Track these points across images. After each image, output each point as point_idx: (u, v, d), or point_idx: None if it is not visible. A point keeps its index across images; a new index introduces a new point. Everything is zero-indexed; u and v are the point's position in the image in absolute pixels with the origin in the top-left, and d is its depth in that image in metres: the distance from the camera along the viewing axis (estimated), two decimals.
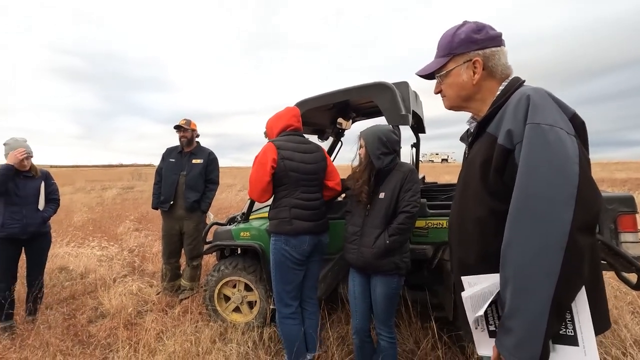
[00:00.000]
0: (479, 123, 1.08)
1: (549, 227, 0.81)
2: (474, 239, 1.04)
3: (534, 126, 0.88)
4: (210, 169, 3.72)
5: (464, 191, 1.12)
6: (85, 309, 3.34)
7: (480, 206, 1.02)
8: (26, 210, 2.93)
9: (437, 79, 1.18)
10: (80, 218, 7.96)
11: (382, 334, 2.05)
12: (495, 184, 0.97)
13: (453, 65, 1.11)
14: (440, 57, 1.14)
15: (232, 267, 2.87)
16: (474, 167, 1.04)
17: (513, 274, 0.85)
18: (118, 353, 2.43)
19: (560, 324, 0.85)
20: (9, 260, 2.94)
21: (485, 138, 1.03)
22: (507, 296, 0.87)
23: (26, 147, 2.93)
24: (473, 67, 1.07)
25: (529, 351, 0.82)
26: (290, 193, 2.23)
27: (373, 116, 3.51)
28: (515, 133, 0.91)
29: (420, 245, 2.33)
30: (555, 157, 0.84)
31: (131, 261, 4.79)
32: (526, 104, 0.92)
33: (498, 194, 0.96)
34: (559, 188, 0.82)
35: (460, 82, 1.11)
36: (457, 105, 1.17)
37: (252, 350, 2.52)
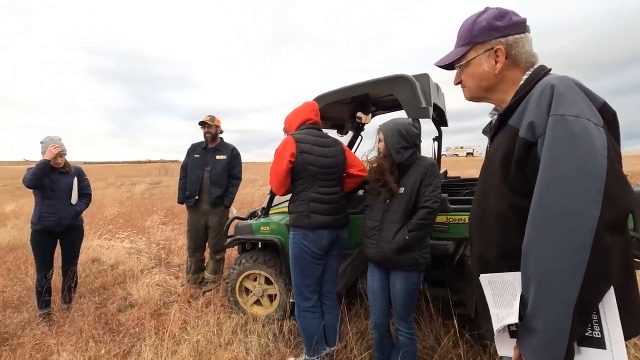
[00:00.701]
0: (500, 115, 1.03)
1: (574, 225, 0.77)
2: (495, 235, 1.00)
3: (558, 118, 0.82)
4: (233, 164, 3.79)
5: (485, 185, 1.08)
6: (115, 299, 3.50)
7: (500, 201, 0.97)
8: (60, 204, 3.09)
9: (456, 69, 1.13)
10: (112, 212, 8.32)
11: (401, 330, 2.03)
12: (516, 179, 0.92)
13: (473, 54, 1.06)
14: (460, 46, 1.09)
15: (252, 260, 2.92)
16: (494, 161, 1.00)
17: (535, 273, 0.82)
18: (145, 341, 2.54)
19: (586, 326, 0.80)
20: (45, 251, 3.12)
21: (506, 131, 0.98)
22: (529, 296, 0.83)
23: (60, 144, 3.08)
24: (495, 56, 1.02)
25: (553, 353, 0.78)
26: (309, 187, 2.23)
27: (393, 110, 3.45)
28: (537, 125, 0.86)
29: (441, 240, 2.28)
30: (581, 150, 0.79)
31: (158, 254, 4.97)
32: (550, 93, 0.86)
33: (519, 189, 0.92)
34: (584, 183, 0.77)
35: (481, 72, 1.06)
36: (478, 97, 1.12)
37: (272, 343, 2.56)
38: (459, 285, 2.45)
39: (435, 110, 2.94)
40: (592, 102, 0.86)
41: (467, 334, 2.26)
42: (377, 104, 3.29)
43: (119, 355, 2.48)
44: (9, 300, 3.47)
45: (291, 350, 2.51)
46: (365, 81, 2.46)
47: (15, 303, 3.43)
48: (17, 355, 2.47)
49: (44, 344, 2.61)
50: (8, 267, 4.43)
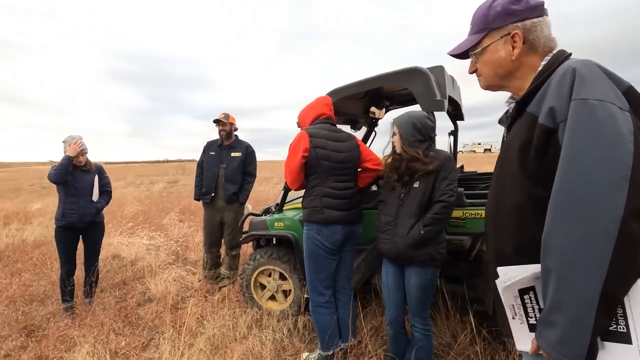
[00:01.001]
0: (518, 102, 0.99)
1: (597, 213, 0.73)
2: (512, 228, 0.97)
3: (580, 102, 0.78)
4: (248, 161, 3.82)
5: (501, 176, 1.04)
6: (134, 293, 3.59)
7: (518, 192, 0.94)
8: (82, 201, 3.19)
9: (471, 57, 1.09)
10: (131, 210, 8.53)
11: (416, 326, 2.00)
12: (535, 168, 0.89)
13: (489, 41, 1.02)
14: (475, 33, 1.05)
15: (267, 256, 2.94)
16: (512, 150, 0.96)
17: (556, 265, 0.78)
18: (163, 335, 2.59)
19: (611, 320, 0.76)
20: (68, 246, 3.22)
21: (524, 118, 0.94)
22: (549, 288, 0.79)
23: (81, 143, 3.17)
24: (512, 42, 0.98)
25: (574, 347, 0.75)
26: (322, 181, 2.22)
27: (408, 104, 3.40)
28: (558, 110, 0.82)
29: (458, 236, 2.24)
30: (605, 135, 0.74)
31: (175, 250, 5.07)
32: (571, 77, 0.82)
33: (539, 179, 0.88)
34: (609, 169, 0.73)
35: (497, 58, 1.02)
36: (494, 85, 1.08)
37: (287, 338, 2.58)
38: (476, 281, 2.40)
39: (451, 104, 2.88)
40: (617, 85, 0.82)
41: (485, 331, 2.21)
42: (391, 99, 3.25)
43: (138, 347, 2.55)
44: (35, 294, 3.61)
45: (305, 345, 2.52)
46: (378, 75, 2.43)
47: (40, 297, 3.56)
48: (42, 346, 2.57)
49: (67, 335, 2.70)
50: (34, 263, 4.61)
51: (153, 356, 2.42)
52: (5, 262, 4.80)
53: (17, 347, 2.65)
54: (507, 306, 0.93)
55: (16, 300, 3.45)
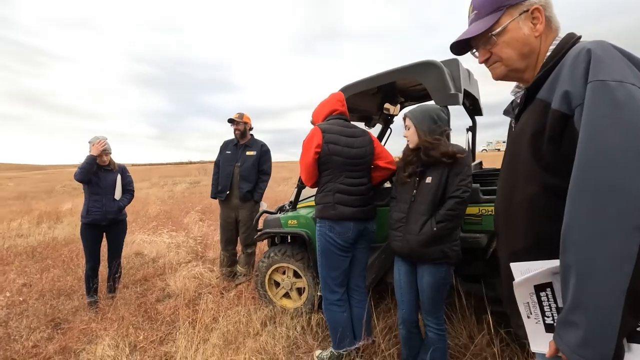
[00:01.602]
0: (527, 89, 0.93)
1: (622, 204, 0.66)
2: (525, 222, 0.91)
3: (598, 84, 0.73)
4: (262, 160, 3.85)
5: (511, 168, 0.98)
6: (154, 290, 3.69)
7: (531, 183, 0.89)
8: (105, 199, 3.32)
9: (482, 45, 1.01)
10: (154, 210, 8.79)
11: (430, 326, 1.95)
12: (549, 156, 0.83)
13: (508, 19, 0.94)
14: (489, 14, 0.97)
15: (281, 254, 2.95)
16: (522, 140, 0.91)
17: (576, 260, 0.71)
18: (180, 329, 2.65)
19: (638, 319, 0.70)
20: (93, 243, 3.36)
21: (535, 105, 0.89)
22: (569, 286, 0.73)
23: (106, 143, 3.29)
24: (531, 18, 0.92)
25: (598, 350, 0.68)
26: (335, 178, 2.21)
27: (423, 100, 3.33)
28: (574, 94, 0.77)
29: (474, 233, 2.17)
30: (627, 117, 0.68)
31: (195, 248, 5.18)
32: (586, 59, 0.77)
33: (554, 168, 0.83)
34: (633, 156, 0.67)
35: (521, 36, 0.93)
36: (516, 68, 0.98)
37: (301, 335, 2.58)
38: (493, 280, 2.32)
39: (468, 98, 2.81)
40: (635, 65, 0.76)
41: (503, 332, 2.13)
42: (405, 95, 3.20)
43: (155, 341, 2.61)
44: (63, 288, 3.78)
45: (318, 343, 2.51)
46: (390, 70, 2.40)
47: (67, 291, 3.72)
48: (66, 338, 2.68)
49: (90, 328, 2.81)
50: (63, 259, 4.83)
51: (169, 350, 2.48)
52: (37, 258, 5.05)
53: (44, 339, 2.77)
54: (522, 304, 0.88)
55: (45, 294, 3.63)
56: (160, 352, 2.48)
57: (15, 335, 2.79)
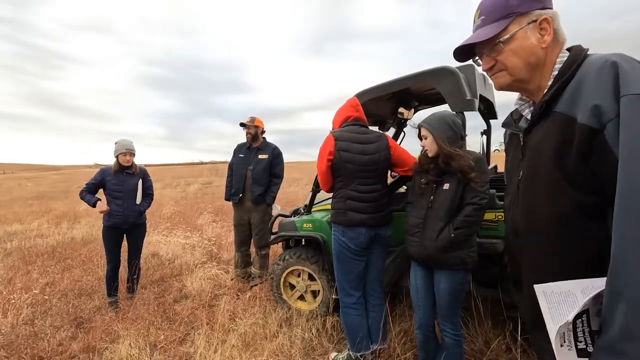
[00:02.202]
0: (545, 102, 0.90)
1: None
2: (551, 241, 0.87)
3: (635, 98, 0.71)
4: (275, 163, 3.90)
5: (530, 185, 0.94)
6: (172, 290, 3.78)
7: (557, 200, 0.85)
8: (127, 203, 3.41)
9: (487, 52, 0.97)
10: (168, 210, 8.95)
11: (446, 331, 1.97)
12: (578, 172, 0.80)
13: (516, 27, 0.92)
14: (497, 20, 0.94)
15: (296, 257, 2.99)
16: (543, 156, 0.88)
17: (631, 287, 0.66)
18: (198, 330, 2.72)
19: None
20: (114, 245, 3.46)
21: (554, 119, 0.86)
22: (618, 313, 0.67)
23: (130, 145, 3.42)
24: (539, 29, 0.90)
25: None
26: (347, 184, 2.25)
27: (437, 104, 3.34)
28: (605, 109, 0.74)
29: (490, 239, 2.17)
30: None
31: (210, 249, 5.27)
32: (613, 72, 0.75)
33: (582, 184, 0.80)
34: None
35: (528, 45, 0.91)
36: (521, 78, 0.95)
37: (316, 337, 2.61)
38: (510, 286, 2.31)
39: (483, 102, 2.80)
40: None
41: (520, 338, 2.13)
42: (419, 99, 3.21)
43: (175, 341, 2.68)
44: (84, 288, 3.89)
45: (334, 345, 2.54)
46: (405, 75, 2.41)
47: (88, 291, 3.83)
48: (90, 337, 2.77)
49: (112, 328, 2.89)
50: (82, 260, 4.97)
51: (189, 350, 2.54)
52: (57, 258, 5.20)
53: (69, 337, 2.87)
54: (557, 335, 0.80)
55: (67, 293, 3.74)
56: (180, 352, 2.54)
57: (41, 333, 2.90)
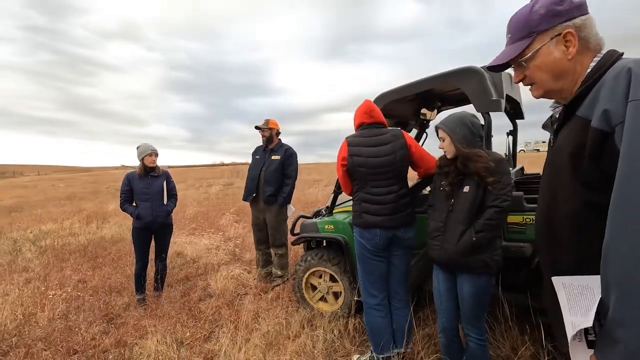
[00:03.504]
0: (566, 106, 0.95)
1: None
2: (569, 238, 0.93)
3: (639, 103, 0.74)
4: (287, 163, 3.94)
5: (551, 184, 1.00)
6: (196, 289, 3.88)
7: (573, 200, 0.90)
8: (155, 205, 3.54)
9: (516, 67, 1.04)
10: (192, 211, 9.17)
11: (470, 335, 1.93)
12: (590, 174, 0.85)
13: (539, 44, 0.96)
14: (519, 40, 0.99)
15: (317, 258, 3.01)
16: (562, 156, 0.93)
17: (617, 277, 0.73)
18: (222, 328, 2.78)
19: None
20: (143, 245, 3.59)
21: (574, 122, 0.91)
22: (610, 302, 0.74)
23: (153, 146, 3.58)
24: (564, 42, 0.93)
25: None
26: (362, 187, 2.29)
27: (461, 104, 3.29)
28: (613, 113, 0.78)
29: (517, 242, 2.12)
30: None
31: (232, 250, 5.37)
32: (627, 77, 0.78)
33: (595, 185, 0.85)
34: None
35: (553, 60, 0.95)
36: (551, 89, 1.00)
37: (338, 339, 2.62)
38: (539, 291, 2.25)
39: (509, 102, 2.74)
40: None
41: (550, 345, 2.06)
42: (442, 99, 3.17)
43: (200, 339, 2.76)
44: (113, 285, 4.05)
45: (356, 347, 2.54)
46: (429, 76, 2.40)
47: (118, 288, 3.99)
48: (121, 333, 2.89)
49: (141, 324, 3.00)
50: (112, 258, 5.17)
51: (214, 348, 2.61)
52: (88, 256, 5.43)
53: (101, 332, 3.00)
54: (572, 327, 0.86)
55: (98, 290, 3.91)
56: (205, 349, 2.61)
57: (75, 327, 3.04)
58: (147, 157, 3.52)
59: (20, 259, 5.47)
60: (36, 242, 6.60)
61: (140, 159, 3.54)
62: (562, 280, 0.89)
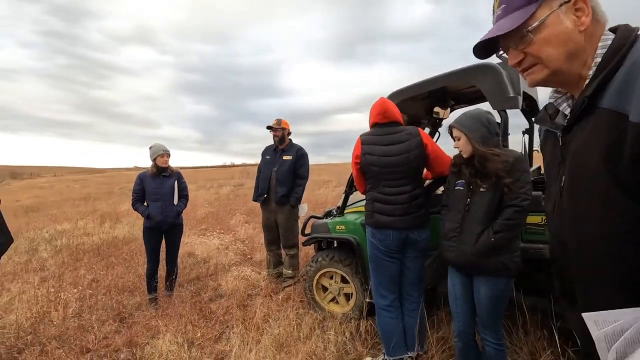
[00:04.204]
0: (587, 97, 0.76)
1: None
2: (608, 262, 0.76)
3: None
4: (299, 164, 3.92)
5: (577, 197, 0.81)
6: (207, 289, 3.88)
7: (612, 214, 0.73)
8: (165, 205, 3.56)
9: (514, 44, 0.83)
10: (202, 211, 9.24)
11: (487, 340, 1.87)
12: (634, 180, 0.68)
13: (546, 11, 0.77)
14: (521, 7, 0.79)
15: (328, 259, 2.97)
16: (589, 159, 0.75)
17: None
18: (233, 329, 2.76)
19: None
20: (153, 245, 3.61)
21: (600, 117, 0.73)
22: None
23: (165, 147, 3.60)
24: (574, 9, 0.76)
25: None
26: (374, 186, 2.26)
27: (476, 102, 3.21)
28: None
29: (536, 244, 2.04)
30: None
31: (242, 250, 5.38)
32: None
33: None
34: None
35: (563, 31, 0.76)
36: (559, 70, 0.79)
37: (350, 341, 2.57)
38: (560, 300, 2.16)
39: (525, 100, 2.66)
40: None
41: (571, 351, 1.98)
42: (456, 97, 3.10)
43: (211, 339, 2.75)
44: (126, 285, 4.08)
45: (368, 350, 2.49)
46: (442, 74, 2.34)
47: (130, 288, 4.02)
48: (132, 332, 2.90)
49: (152, 324, 3.01)
50: (124, 257, 5.22)
51: (224, 348, 2.59)
52: (102, 256, 5.51)
53: (113, 331, 3.02)
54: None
55: (111, 289, 3.95)
56: (216, 350, 2.60)
57: (88, 326, 3.07)
58: (159, 157, 3.54)
59: (37, 258, 5.58)
60: (51, 242, 6.72)
61: (153, 159, 3.57)
62: (594, 318, 0.72)
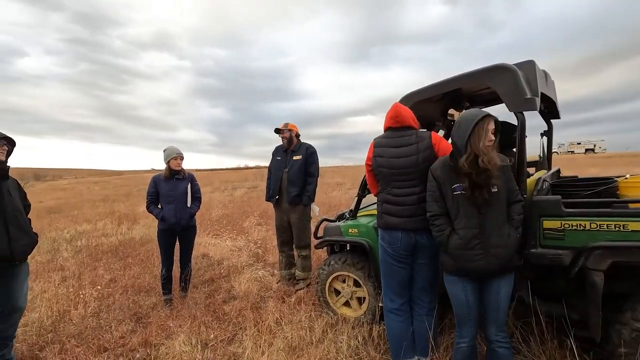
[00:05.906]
0: None
1: None
2: None
3: None
4: (309, 162, 3.93)
5: None
6: (220, 291, 3.92)
7: None
8: (178, 207, 3.61)
9: None
10: (217, 213, 9.35)
11: (500, 342, 1.88)
12: None
13: None
14: None
15: (341, 262, 2.96)
16: None
17: None
18: (246, 331, 2.78)
19: None
20: (168, 246, 3.67)
21: None
22: None
23: (179, 150, 3.67)
24: None
25: None
26: (384, 188, 2.29)
27: (492, 104, 3.15)
28: None
29: (554, 249, 1.98)
30: None
31: (256, 252, 5.41)
32: None
33: None
34: None
35: None
36: None
37: (362, 345, 2.55)
38: (577, 301, 2.09)
39: (544, 101, 2.60)
40: None
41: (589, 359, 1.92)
42: (471, 99, 3.05)
43: (224, 341, 2.77)
44: (142, 285, 4.16)
45: (381, 355, 2.47)
46: (457, 75, 2.31)
47: (146, 288, 4.10)
48: (147, 332, 2.95)
49: (167, 325, 3.05)
50: (141, 258, 5.33)
51: (237, 351, 2.61)
52: (119, 256, 5.63)
53: (129, 331, 3.08)
54: None
55: (128, 290, 4.03)
56: (229, 351, 2.62)
57: (105, 326, 3.14)
58: (172, 160, 3.60)
59: (58, 258, 5.75)
60: (72, 242, 6.92)
61: (167, 162, 3.63)
62: None
